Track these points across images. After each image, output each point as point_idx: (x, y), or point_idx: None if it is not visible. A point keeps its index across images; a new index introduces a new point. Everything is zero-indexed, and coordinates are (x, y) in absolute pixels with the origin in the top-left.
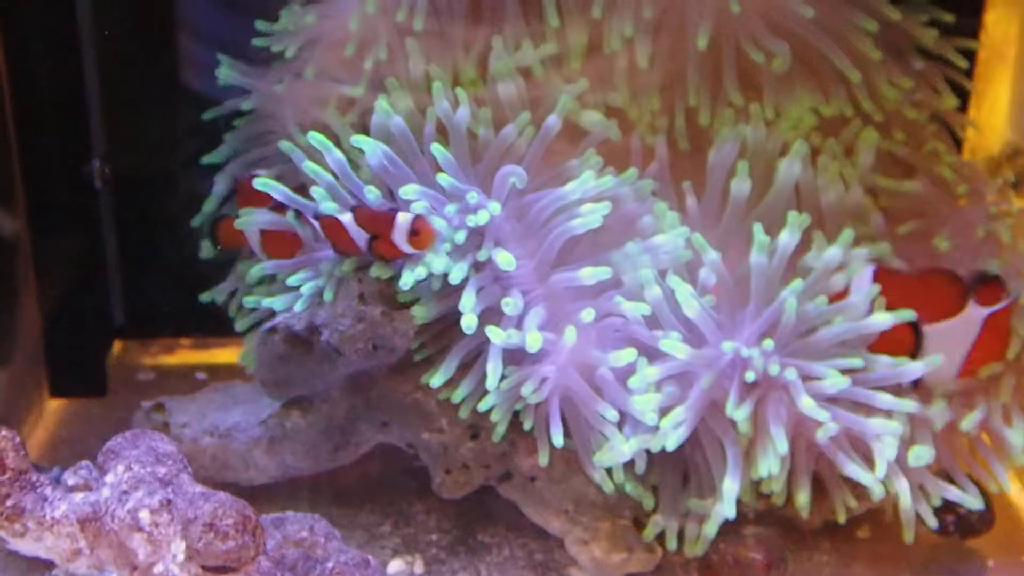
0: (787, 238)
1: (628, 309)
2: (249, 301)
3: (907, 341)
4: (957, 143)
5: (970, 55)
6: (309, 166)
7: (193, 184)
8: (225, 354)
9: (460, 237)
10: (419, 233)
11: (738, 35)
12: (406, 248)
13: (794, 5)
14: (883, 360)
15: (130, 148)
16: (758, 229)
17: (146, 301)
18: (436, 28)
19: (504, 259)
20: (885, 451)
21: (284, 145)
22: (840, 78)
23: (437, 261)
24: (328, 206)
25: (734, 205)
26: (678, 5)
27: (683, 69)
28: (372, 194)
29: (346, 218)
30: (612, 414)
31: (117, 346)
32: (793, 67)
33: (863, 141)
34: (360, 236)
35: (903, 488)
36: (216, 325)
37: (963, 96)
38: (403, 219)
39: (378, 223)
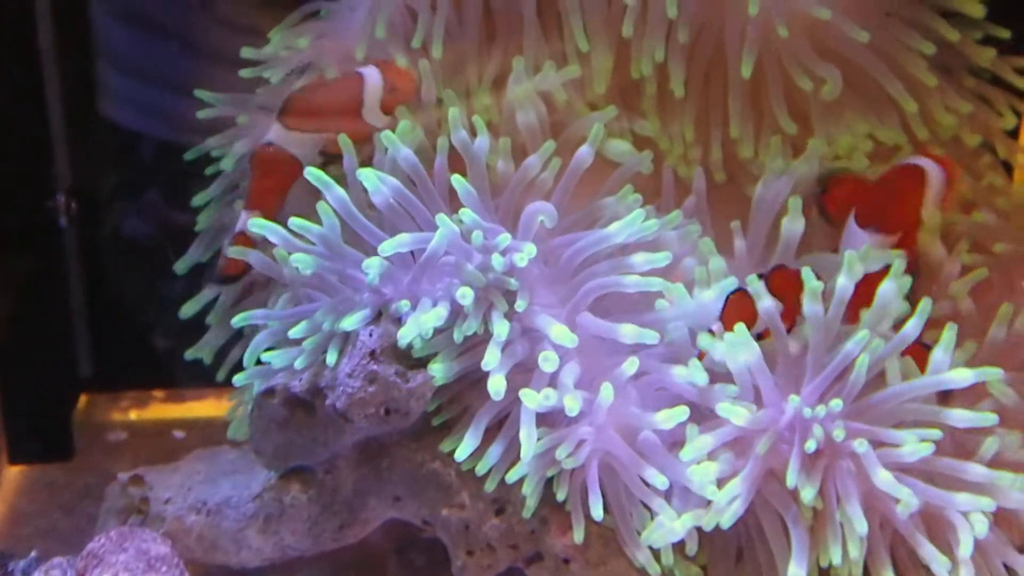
0: (844, 282)
1: (678, 375)
2: (245, 376)
3: None
4: (1007, 168)
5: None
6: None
7: (168, 218)
8: (203, 407)
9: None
10: None
11: (783, 60)
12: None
13: (846, 28)
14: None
15: (99, 180)
16: (808, 275)
17: (115, 349)
18: (448, 50)
19: (558, 332)
20: (974, 529)
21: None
22: (892, 105)
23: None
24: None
25: (785, 247)
26: (715, 28)
27: (719, 96)
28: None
29: (756, 288)
30: (661, 480)
31: (82, 400)
32: (842, 93)
33: None
34: (771, 307)
35: None
36: (193, 375)
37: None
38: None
39: (792, 285)
